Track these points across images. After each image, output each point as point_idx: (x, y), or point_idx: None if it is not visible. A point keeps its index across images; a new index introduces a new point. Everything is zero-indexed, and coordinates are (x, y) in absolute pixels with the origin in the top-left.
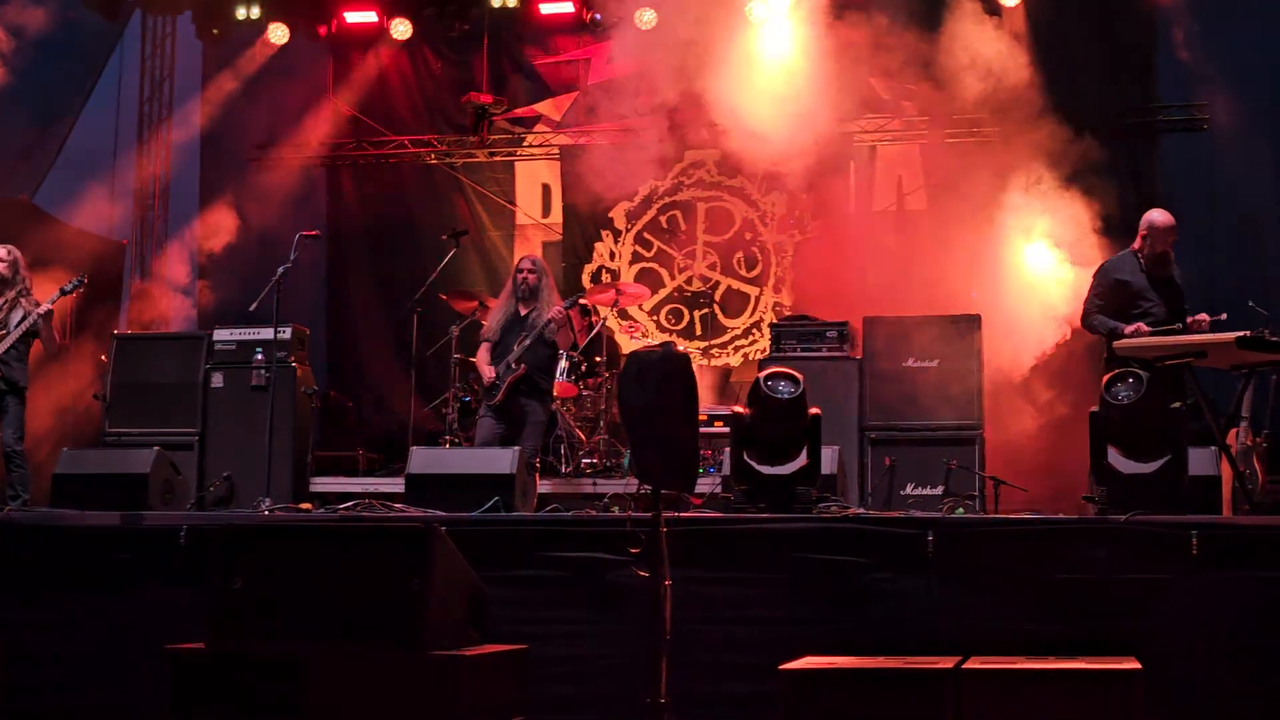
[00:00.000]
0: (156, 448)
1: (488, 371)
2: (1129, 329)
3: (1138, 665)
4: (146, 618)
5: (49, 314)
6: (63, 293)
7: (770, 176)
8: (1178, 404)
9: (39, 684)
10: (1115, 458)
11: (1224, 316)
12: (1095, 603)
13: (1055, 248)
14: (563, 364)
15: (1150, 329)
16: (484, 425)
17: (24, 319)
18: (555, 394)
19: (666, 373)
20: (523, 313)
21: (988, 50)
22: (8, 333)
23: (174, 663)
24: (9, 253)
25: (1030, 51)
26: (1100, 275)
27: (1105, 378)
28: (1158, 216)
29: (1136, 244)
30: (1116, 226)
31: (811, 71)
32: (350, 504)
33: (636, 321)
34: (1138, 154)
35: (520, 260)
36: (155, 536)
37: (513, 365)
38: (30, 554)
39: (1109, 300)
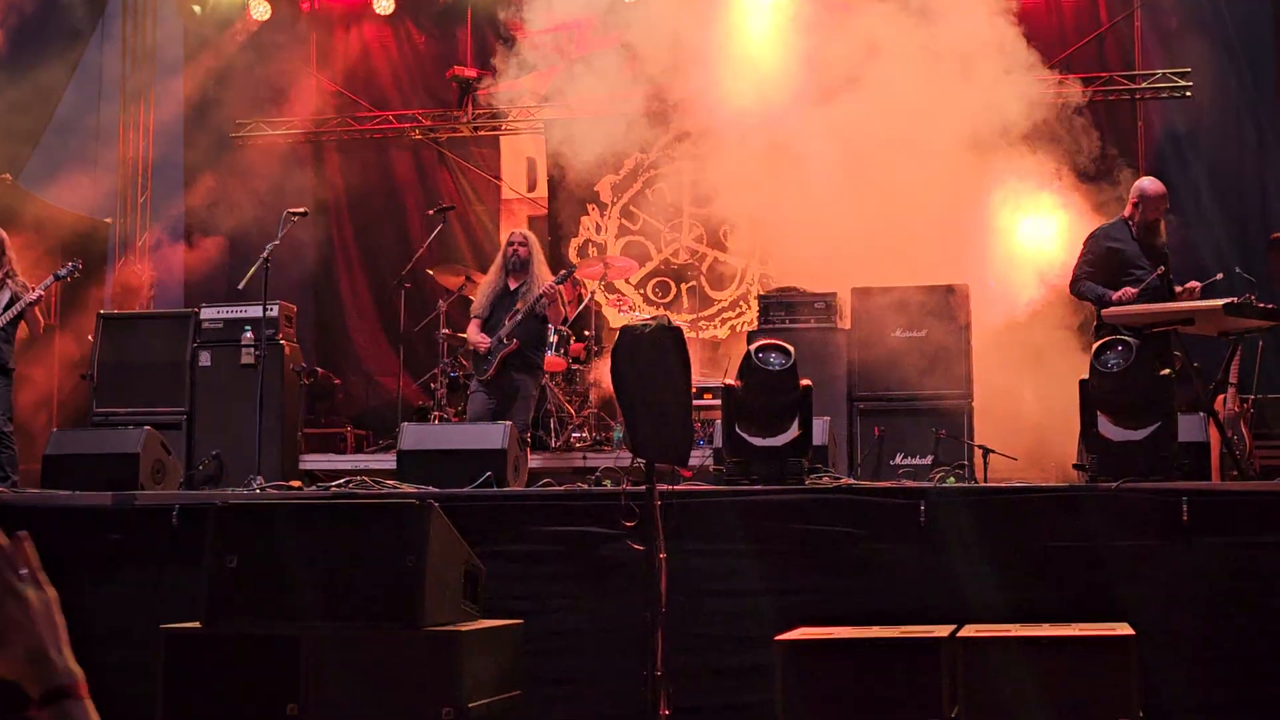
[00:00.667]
0: (147, 427)
1: (482, 341)
2: (1117, 295)
3: (1131, 631)
4: (140, 598)
5: (39, 299)
6: (56, 278)
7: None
8: (1166, 371)
9: None
10: (1105, 425)
11: (1220, 277)
12: (1087, 570)
13: (1037, 211)
14: (551, 338)
15: (1136, 293)
16: (475, 400)
17: (11, 302)
18: (544, 368)
19: (659, 346)
20: (512, 286)
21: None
22: None
23: (169, 643)
24: None
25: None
26: (1091, 241)
27: (1094, 345)
28: (1149, 184)
29: (1127, 211)
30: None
31: (794, 40)
32: (342, 481)
33: (624, 295)
34: (1119, 117)
35: (510, 234)
36: (147, 516)
37: (504, 340)
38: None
39: (1099, 267)
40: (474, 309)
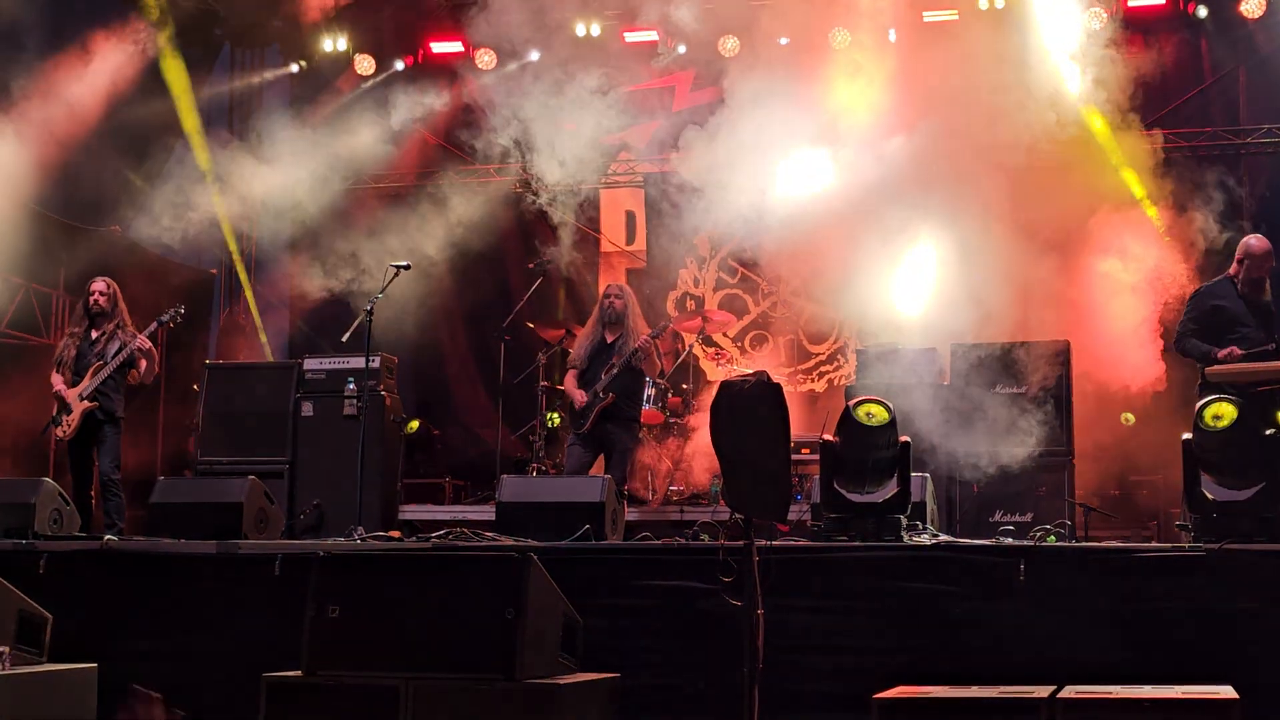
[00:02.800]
0: (251, 477)
1: (579, 396)
2: (1222, 353)
3: (1234, 695)
4: (242, 646)
5: (148, 348)
6: (159, 324)
7: None
8: (1272, 430)
9: None
10: (1208, 485)
11: None
12: (1189, 631)
13: (1141, 271)
14: (649, 391)
15: (1243, 353)
16: (572, 454)
17: (120, 350)
18: (641, 420)
19: (759, 402)
20: (609, 339)
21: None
22: (105, 364)
23: (269, 691)
24: (108, 286)
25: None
26: (1195, 300)
27: (1198, 404)
28: (1255, 242)
29: (1233, 269)
30: (1205, 250)
31: (900, 98)
32: (442, 532)
33: (722, 348)
34: (1226, 176)
35: (607, 287)
36: (250, 565)
37: (600, 394)
38: (128, 582)
39: (1203, 325)
40: (571, 360)
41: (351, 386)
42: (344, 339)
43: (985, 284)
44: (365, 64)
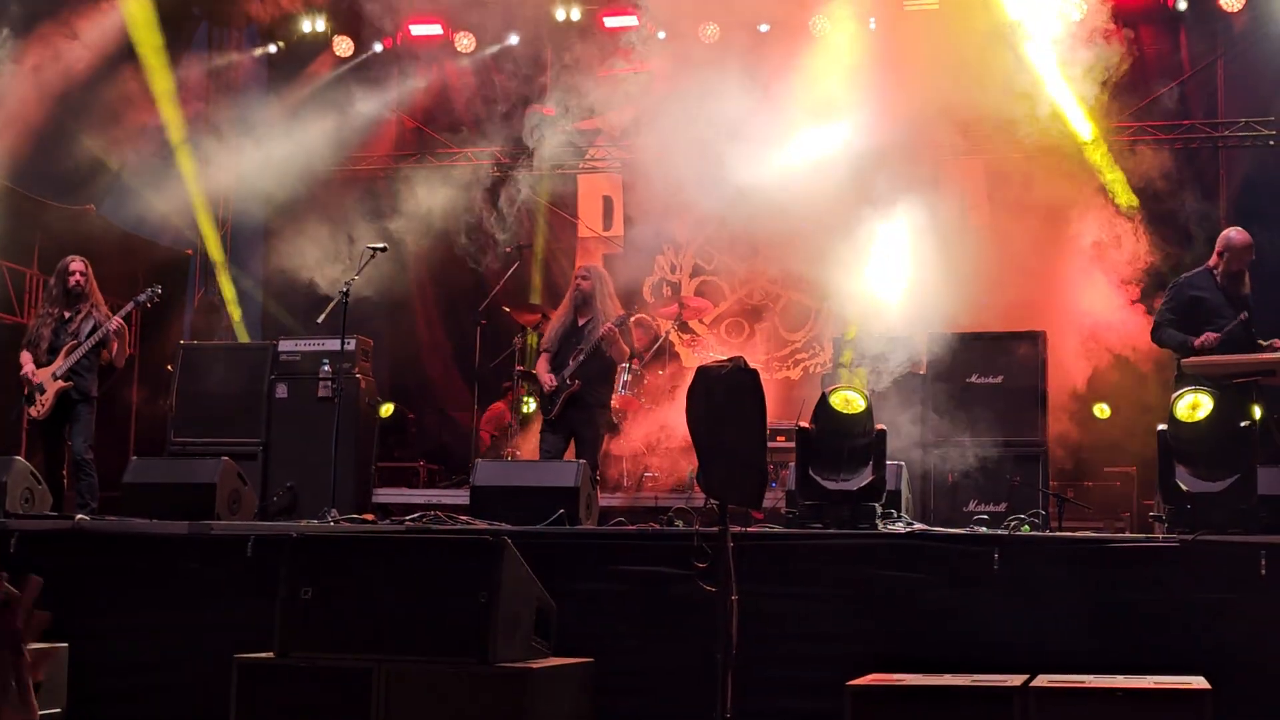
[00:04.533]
0: (225, 458)
1: (548, 381)
2: (1198, 341)
3: (1207, 685)
4: (215, 627)
5: (121, 328)
6: (135, 304)
7: None
8: (1247, 422)
9: (107, 692)
10: (1183, 476)
11: None
12: (1162, 621)
13: (1118, 261)
14: (626, 377)
15: (1218, 337)
16: (544, 439)
17: (95, 330)
18: (617, 406)
19: (735, 388)
20: (579, 323)
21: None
22: (79, 343)
23: (242, 672)
24: (85, 265)
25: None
26: (1175, 290)
27: (1174, 395)
28: (1235, 235)
29: (1213, 261)
30: (1183, 241)
31: (880, 82)
32: (416, 516)
33: (698, 335)
34: (1204, 169)
35: (578, 269)
36: (223, 546)
37: (567, 381)
38: (100, 562)
39: (1182, 315)
40: (543, 344)
41: (326, 369)
42: (319, 320)
43: (962, 273)
44: (344, 45)
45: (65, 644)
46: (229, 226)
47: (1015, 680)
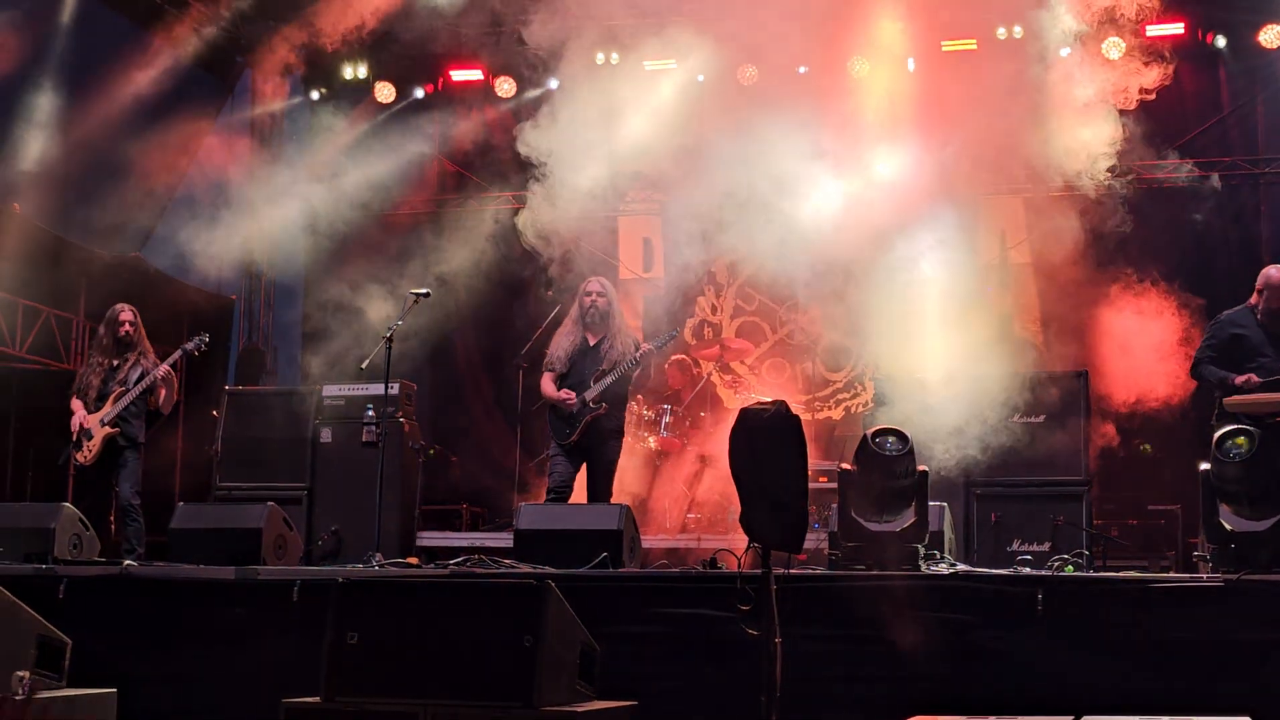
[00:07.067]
0: (270, 503)
1: (568, 400)
2: (1239, 379)
3: None
4: (261, 672)
5: (169, 375)
6: (183, 352)
7: None
8: None
9: None
10: (1226, 515)
11: None
12: (1207, 661)
13: (1161, 299)
14: (666, 419)
15: (1261, 380)
16: (556, 465)
17: (142, 377)
18: (658, 448)
19: (777, 431)
20: (592, 341)
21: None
22: (127, 390)
23: (289, 717)
24: (134, 314)
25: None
26: (1215, 327)
27: (1216, 434)
28: (1275, 272)
29: (1253, 299)
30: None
31: (915, 118)
32: (460, 559)
33: (739, 376)
34: (1244, 205)
35: (587, 283)
36: (269, 591)
37: (591, 404)
38: (147, 607)
39: (1221, 352)
40: (549, 362)
41: (370, 413)
42: (363, 366)
43: (1002, 312)
44: (385, 92)
45: (113, 689)
46: (273, 272)
47: None
